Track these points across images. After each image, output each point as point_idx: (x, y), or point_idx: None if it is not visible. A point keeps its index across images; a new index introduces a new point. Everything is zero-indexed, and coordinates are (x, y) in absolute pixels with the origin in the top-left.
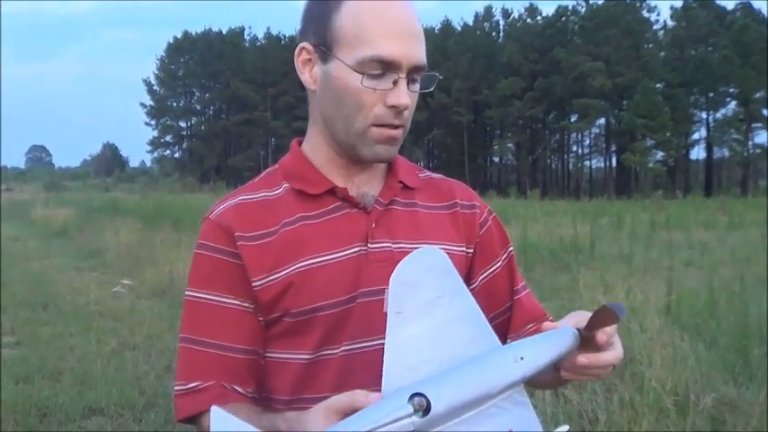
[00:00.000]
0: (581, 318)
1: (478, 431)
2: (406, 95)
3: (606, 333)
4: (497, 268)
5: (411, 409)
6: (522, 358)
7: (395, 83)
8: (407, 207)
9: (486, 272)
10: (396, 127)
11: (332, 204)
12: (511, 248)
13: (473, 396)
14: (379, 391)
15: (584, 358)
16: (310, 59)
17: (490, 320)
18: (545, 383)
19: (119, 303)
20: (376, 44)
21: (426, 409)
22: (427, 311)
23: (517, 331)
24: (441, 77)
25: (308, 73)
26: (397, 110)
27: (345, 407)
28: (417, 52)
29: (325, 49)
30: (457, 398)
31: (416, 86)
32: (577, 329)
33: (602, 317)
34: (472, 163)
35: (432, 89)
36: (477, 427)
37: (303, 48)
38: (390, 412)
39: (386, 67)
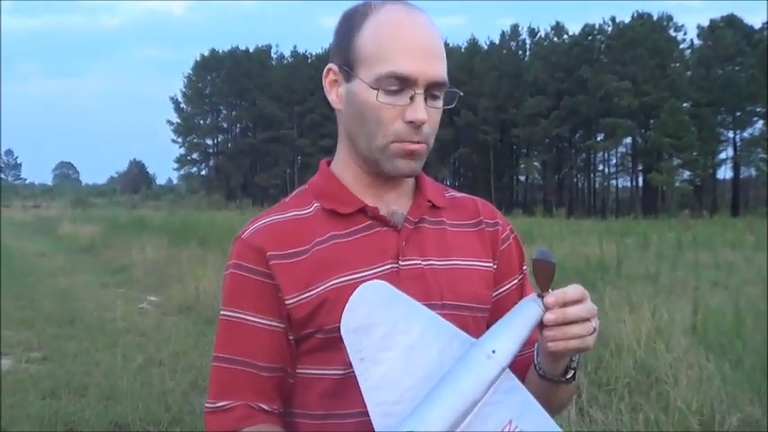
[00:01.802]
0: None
1: None
2: (422, 111)
3: (554, 295)
4: (511, 287)
5: None
6: (493, 352)
7: (412, 98)
8: (436, 225)
9: (500, 289)
10: (416, 142)
11: (363, 223)
12: (525, 268)
13: (461, 409)
14: None
15: (551, 314)
16: (336, 80)
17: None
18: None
19: (145, 319)
20: (392, 61)
21: None
22: (388, 345)
23: (521, 353)
24: (461, 94)
25: (335, 93)
26: (414, 125)
27: None
28: (435, 68)
29: (348, 69)
30: (444, 419)
31: (438, 102)
32: (538, 295)
33: (540, 271)
34: (498, 181)
35: (453, 105)
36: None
37: (330, 69)
38: None
39: (402, 83)
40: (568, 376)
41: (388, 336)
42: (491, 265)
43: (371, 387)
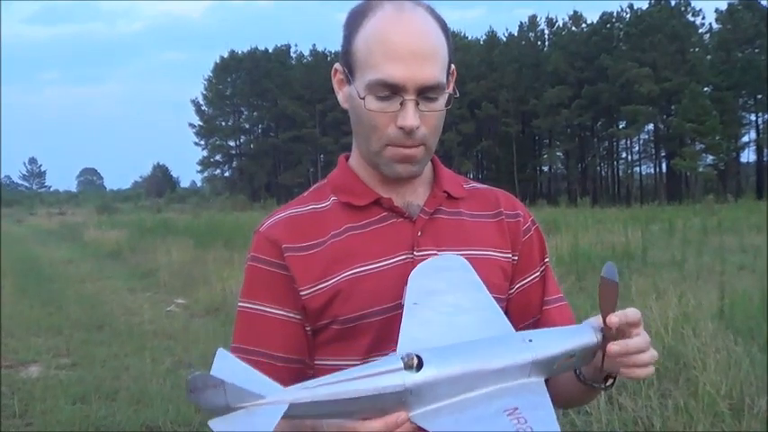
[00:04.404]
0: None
1: (482, 409)
2: (412, 117)
3: (618, 315)
4: (534, 278)
5: (401, 364)
6: (530, 340)
7: (402, 104)
8: (453, 216)
9: (522, 281)
10: (410, 146)
11: (378, 215)
12: (548, 260)
13: (475, 367)
14: None
15: (615, 345)
16: (343, 80)
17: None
18: (573, 400)
19: (173, 322)
20: (380, 68)
21: (419, 365)
22: (442, 302)
23: None
24: (457, 95)
25: (342, 92)
26: (405, 131)
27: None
28: (425, 73)
29: (347, 72)
30: (456, 366)
31: (435, 104)
32: (601, 328)
33: (604, 292)
34: (522, 173)
35: (448, 107)
36: (482, 405)
37: (336, 69)
38: (380, 366)
39: (392, 89)
40: (607, 384)
41: (446, 295)
42: (510, 255)
43: (411, 322)
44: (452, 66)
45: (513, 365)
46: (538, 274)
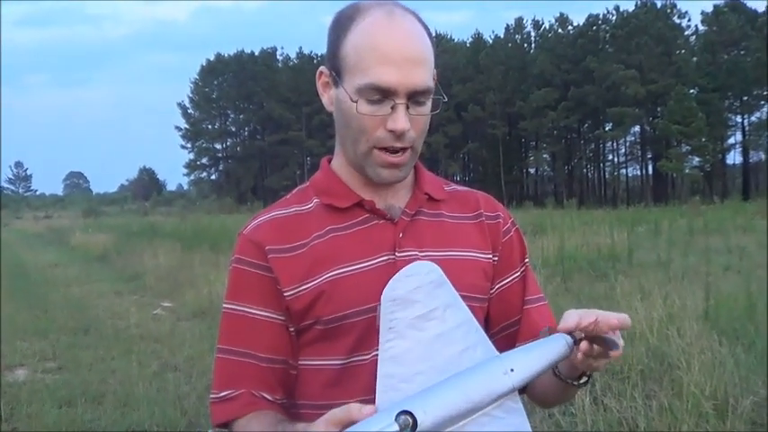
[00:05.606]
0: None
1: None
2: (403, 120)
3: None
4: (514, 279)
5: (397, 428)
6: (511, 370)
7: (393, 108)
8: (433, 217)
9: (502, 281)
10: (397, 150)
11: (360, 216)
12: (528, 260)
13: (461, 409)
14: (374, 403)
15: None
16: (328, 82)
17: (501, 331)
18: (551, 398)
19: (159, 326)
20: (372, 72)
21: (413, 426)
22: (419, 325)
23: (523, 344)
24: (446, 99)
25: (327, 96)
26: (395, 134)
27: (343, 419)
28: (415, 77)
29: (335, 75)
30: (444, 412)
31: (423, 108)
32: (573, 336)
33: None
34: (508, 175)
35: (438, 111)
36: None
37: (321, 72)
38: (377, 431)
39: (383, 93)
40: (582, 381)
41: (423, 318)
42: (491, 256)
43: (388, 357)
44: (435, 71)
45: (495, 397)
46: (518, 274)
